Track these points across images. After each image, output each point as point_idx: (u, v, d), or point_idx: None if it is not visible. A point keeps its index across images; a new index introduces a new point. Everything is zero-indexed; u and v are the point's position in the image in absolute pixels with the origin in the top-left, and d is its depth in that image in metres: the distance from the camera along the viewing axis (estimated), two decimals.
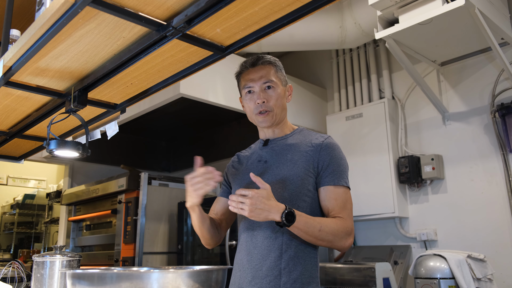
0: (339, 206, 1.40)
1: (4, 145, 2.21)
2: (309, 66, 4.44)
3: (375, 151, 3.49)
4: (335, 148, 1.46)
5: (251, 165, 1.54)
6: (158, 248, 3.79)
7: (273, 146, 1.53)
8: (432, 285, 2.48)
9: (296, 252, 1.38)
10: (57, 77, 1.50)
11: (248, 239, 1.44)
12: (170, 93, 3.07)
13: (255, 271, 1.39)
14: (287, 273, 1.35)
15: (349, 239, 1.38)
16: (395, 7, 2.69)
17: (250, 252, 1.42)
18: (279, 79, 1.52)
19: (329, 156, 1.43)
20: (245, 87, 1.51)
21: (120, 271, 0.94)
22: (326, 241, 1.35)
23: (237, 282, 1.44)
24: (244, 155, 1.63)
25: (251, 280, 1.38)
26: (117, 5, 1.07)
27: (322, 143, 1.46)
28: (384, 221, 3.56)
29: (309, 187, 1.42)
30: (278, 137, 1.54)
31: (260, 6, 1.13)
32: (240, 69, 1.56)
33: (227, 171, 1.65)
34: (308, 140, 1.49)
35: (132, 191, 3.76)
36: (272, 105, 1.48)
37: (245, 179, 1.51)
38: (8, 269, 1.88)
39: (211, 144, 4.96)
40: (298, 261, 1.37)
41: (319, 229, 1.32)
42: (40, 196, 6.71)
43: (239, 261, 1.46)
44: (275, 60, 1.56)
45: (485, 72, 3.18)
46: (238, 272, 1.45)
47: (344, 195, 1.42)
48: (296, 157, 1.45)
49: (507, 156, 2.99)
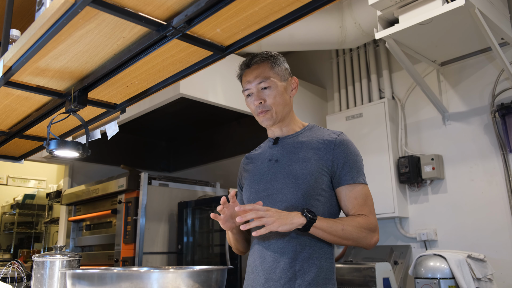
0: (360, 204, 1.37)
1: (4, 145, 2.20)
2: (309, 66, 4.44)
3: (375, 151, 3.49)
4: (349, 145, 1.42)
5: (262, 164, 1.50)
6: (158, 248, 3.79)
7: (283, 144, 1.49)
8: (432, 285, 2.48)
9: (310, 253, 1.34)
10: (57, 77, 1.50)
11: (261, 241, 1.41)
12: (170, 93, 3.07)
13: (268, 274, 1.35)
14: (301, 275, 1.32)
15: (375, 235, 1.35)
16: (395, 7, 2.69)
17: (263, 254, 1.39)
18: (276, 74, 1.46)
19: (343, 154, 1.39)
20: (244, 90, 1.49)
21: (120, 271, 0.94)
22: (351, 240, 1.32)
23: (250, 285, 1.41)
24: (254, 155, 1.59)
25: (265, 283, 1.35)
26: (117, 5, 1.07)
27: (336, 140, 1.41)
28: (384, 221, 3.56)
29: (323, 186, 1.38)
30: (288, 135, 1.50)
31: (260, 6, 1.13)
32: (239, 72, 1.53)
33: (240, 176, 1.62)
34: (320, 137, 1.45)
35: (132, 191, 3.76)
36: (270, 104, 1.44)
37: (256, 179, 1.48)
38: (8, 269, 1.88)
39: (211, 144, 4.96)
40: (313, 262, 1.34)
41: (342, 228, 1.29)
42: (40, 196, 6.72)
43: (252, 264, 1.43)
44: (271, 55, 1.49)
45: (485, 72, 3.18)
46: (251, 274, 1.42)
47: (364, 192, 1.38)
48: (309, 155, 1.41)
49: (507, 156, 2.99)
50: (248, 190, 1.50)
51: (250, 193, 1.49)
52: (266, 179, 1.45)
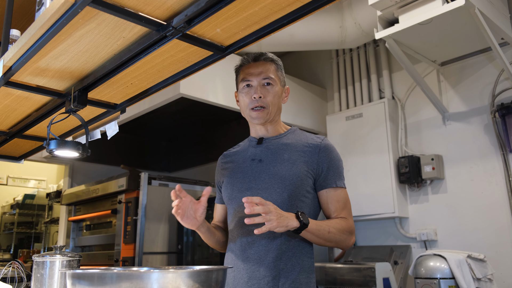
0: (341, 207, 1.43)
1: (4, 145, 2.20)
2: (309, 66, 4.44)
3: (375, 151, 3.49)
4: (333, 150, 1.48)
5: (243, 163, 1.51)
6: (158, 248, 3.79)
7: (267, 145, 1.50)
8: (432, 285, 2.48)
9: (294, 252, 1.37)
10: (57, 77, 1.50)
11: (243, 238, 1.41)
12: (170, 93, 3.07)
13: (251, 272, 1.36)
14: (285, 273, 1.34)
15: (353, 237, 1.42)
16: (395, 7, 2.69)
17: (246, 252, 1.39)
18: (278, 78, 1.52)
19: (328, 158, 1.44)
20: (244, 80, 1.50)
21: (120, 271, 0.94)
22: (334, 242, 1.37)
23: (230, 283, 1.41)
24: (233, 152, 1.61)
25: (248, 281, 1.36)
26: (117, 5, 1.07)
27: (320, 144, 1.46)
28: (384, 221, 3.56)
29: (307, 188, 1.42)
30: (273, 136, 1.53)
31: (260, 6, 1.13)
32: (241, 63, 1.55)
33: (218, 174, 1.62)
34: (304, 140, 1.49)
35: (132, 191, 3.76)
36: (269, 101, 1.47)
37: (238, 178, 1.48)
38: (8, 269, 1.88)
39: (211, 144, 4.96)
40: (296, 261, 1.37)
41: (328, 231, 1.33)
42: (40, 196, 6.72)
43: (231, 261, 1.43)
44: (277, 59, 1.56)
45: (485, 72, 3.18)
46: (231, 272, 1.42)
47: (344, 196, 1.45)
48: (294, 157, 1.44)
49: (507, 156, 2.99)
50: (230, 188, 1.49)
51: (232, 191, 1.48)
52: (250, 178, 1.45)
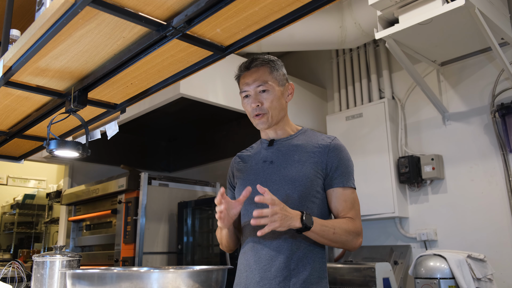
0: (348, 207, 1.42)
1: (4, 145, 2.20)
2: (309, 66, 4.44)
3: (375, 151, 3.49)
4: (342, 149, 1.47)
5: (256, 165, 1.52)
6: (158, 248, 3.79)
7: (278, 147, 1.52)
8: (432, 285, 2.48)
9: (305, 252, 1.39)
10: (57, 77, 1.50)
11: (256, 239, 1.43)
12: (170, 93, 3.07)
13: (263, 272, 1.38)
14: (296, 273, 1.36)
15: (360, 238, 1.41)
16: (395, 7, 2.69)
17: (258, 252, 1.41)
18: (274, 79, 1.49)
19: (337, 158, 1.44)
20: (242, 92, 1.51)
21: (120, 271, 0.94)
22: (339, 243, 1.37)
23: (243, 282, 1.44)
24: (246, 155, 1.62)
25: (259, 281, 1.38)
26: (117, 5, 1.07)
27: (330, 145, 1.46)
28: (384, 221, 3.56)
29: (317, 188, 1.42)
30: (283, 138, 1.53)
31: (260, 6, 1.13)
32: (237, 73, 1.55)
33: (231, 173, 1.63)
34: (314, 141, 1.49)
35: (132, 191, 3.76)
36: (267, 107, 1.47)
37: (251, 179, 1.50)
38: (8, 269, 1.88)
39: (211, 144, 4.96)
40: (307, 261, 1.38)
41: (333, 232, 1.34)
42: (40, 196, 6.72)
43: (245, 262, 1.45)
44: (271, 60, 1.52)
45: (485, 72, 3.18)
46: (244, 272, 1.45)
47: (352, 196, 1.44)
48: (304, 158, 1.45)
49: (507, 156, 2.99)
50: (242, 189, 1.50)
51: None
52: (261, 179, 1.47)
